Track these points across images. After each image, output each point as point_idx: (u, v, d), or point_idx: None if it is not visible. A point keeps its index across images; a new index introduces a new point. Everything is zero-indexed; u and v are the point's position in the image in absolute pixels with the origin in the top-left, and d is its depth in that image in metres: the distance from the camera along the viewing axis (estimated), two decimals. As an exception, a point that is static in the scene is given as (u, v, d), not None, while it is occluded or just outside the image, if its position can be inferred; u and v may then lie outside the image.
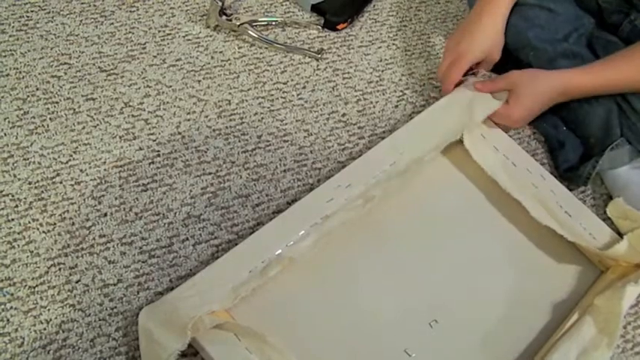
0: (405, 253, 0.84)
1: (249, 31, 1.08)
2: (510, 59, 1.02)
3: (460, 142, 0.91)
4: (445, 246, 0.85)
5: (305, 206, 0.81)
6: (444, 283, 0.82)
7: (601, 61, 0.93)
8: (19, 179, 0.86)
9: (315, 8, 1.15)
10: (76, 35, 1.04)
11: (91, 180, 0.87)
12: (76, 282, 0.78)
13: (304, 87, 1.05)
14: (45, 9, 1.06)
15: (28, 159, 0.88)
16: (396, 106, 1.05)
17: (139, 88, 0.99)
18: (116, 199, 0.86)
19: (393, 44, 1.15)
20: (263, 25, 1.12)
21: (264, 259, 0.75)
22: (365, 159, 0.87)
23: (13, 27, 1.03)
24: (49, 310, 0.76)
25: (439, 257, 0.84)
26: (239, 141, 0.96)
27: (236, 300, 0.72)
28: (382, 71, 1.10)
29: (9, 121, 0.91)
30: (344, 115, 1.02)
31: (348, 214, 0.81)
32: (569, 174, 0.97)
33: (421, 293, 0.80)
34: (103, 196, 0.86)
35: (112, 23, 1.07)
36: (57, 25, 1.05)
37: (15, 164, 0.87)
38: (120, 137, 0.93)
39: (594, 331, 0.76)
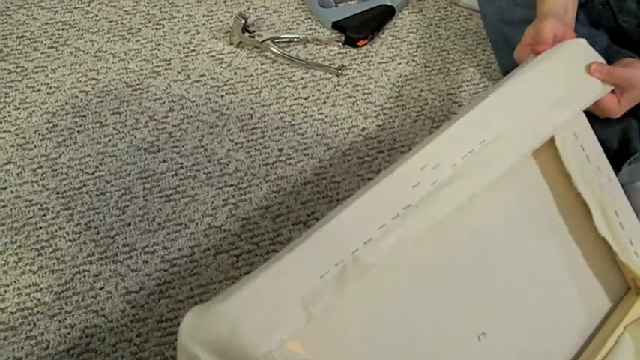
0: (457, 261, 0.78)
1: (272, 48, 1.10)
2: None
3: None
4: (499, 257, 0.76)
5: (382, 193, 0.59)
6: (493, 296, 0.78)
7: None
8: (47, 189, 0.89)
9: (336, 25, 1.17)
10: (104, 52, 1.07)
11: (116, 191, 0.90)
12: (100, 289, 0.80)
13: (325, 102, 1.07)
14: (75, 27, 1.10)
15: (56, 170, 0.91)
16: (415, 121, 1.06)
17: (164, 103, 1.02)
18: (140, 209, 0.89)
19: (413, 60, 1.16)
20: (285, 42, 1.14)
21: (337, 261, 0.55)
22: (448, 135, 0.65)
23: (45, 44, 1.07)
24: (73, 315, 0.78)
25: (491, 268, 0.80)
26: (260, 154, 0.98)
27: (308, 321, 0.53)
28: (402, 87, 1.11)
29: (39, 134, 0.94)
30: (363, 129, 1.04)
31: (436, 214, 0.61)
32: None
33: (470, 305, 0.73)
34: (127, 206, 0.89)
35: (139, 40, 1.10)
36: (86, 42, 1.08)
37: (44, 175, 0.90)
38: (144, 150, 0.95)
39: (633, 351, 0.75)
